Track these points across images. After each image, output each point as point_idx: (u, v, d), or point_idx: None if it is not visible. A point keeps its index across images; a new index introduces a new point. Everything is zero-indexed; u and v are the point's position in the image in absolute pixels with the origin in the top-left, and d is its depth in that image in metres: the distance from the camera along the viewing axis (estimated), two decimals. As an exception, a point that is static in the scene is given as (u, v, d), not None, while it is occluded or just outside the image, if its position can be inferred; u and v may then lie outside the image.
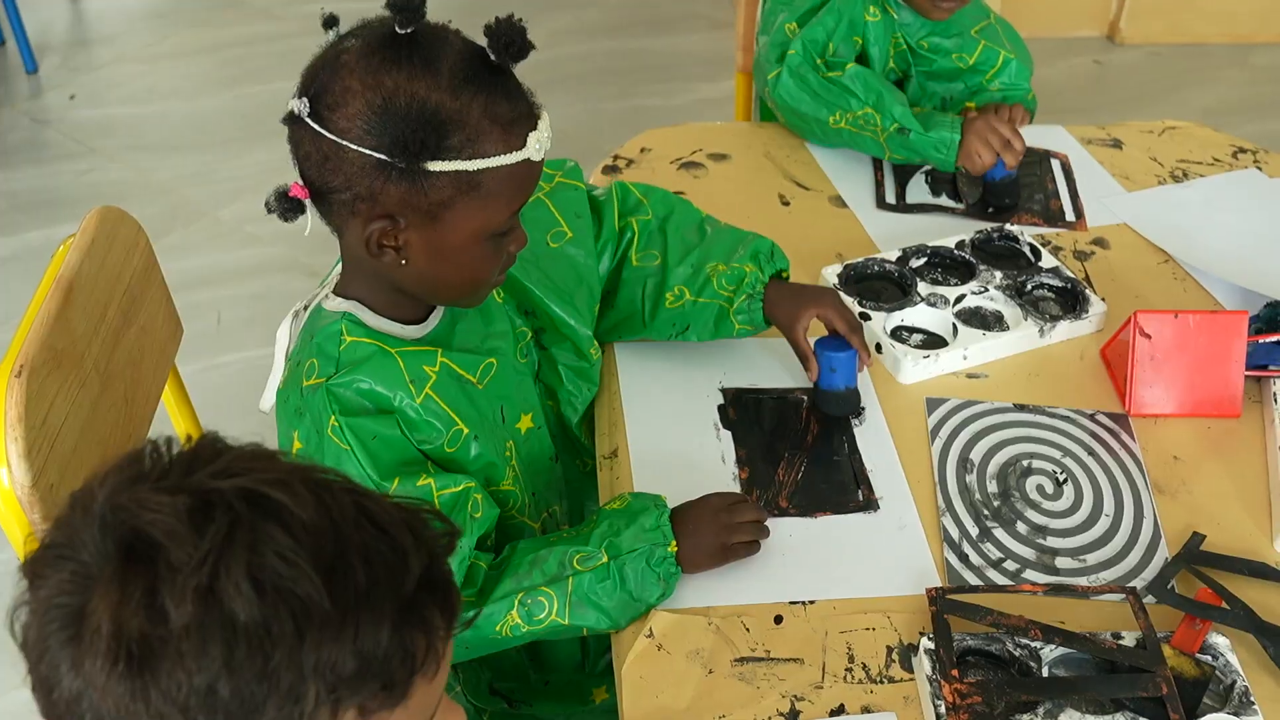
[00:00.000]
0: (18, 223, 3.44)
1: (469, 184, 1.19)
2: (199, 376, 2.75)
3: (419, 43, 1.17)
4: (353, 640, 0.70)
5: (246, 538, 0.69)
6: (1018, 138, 1.89)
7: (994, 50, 2.12)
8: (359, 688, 0.72)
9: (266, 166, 3.59)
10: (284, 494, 0.72)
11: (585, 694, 1.55)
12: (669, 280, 1.56)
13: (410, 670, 0.74)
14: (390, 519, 0.76)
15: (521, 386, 1.44)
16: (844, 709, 1.21)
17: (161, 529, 0.69)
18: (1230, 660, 1.23)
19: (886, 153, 1.97)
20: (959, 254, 1.78)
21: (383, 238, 1.21)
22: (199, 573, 0.68)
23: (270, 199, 1.21)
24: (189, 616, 0.68)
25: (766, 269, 1.55)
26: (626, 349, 1.63)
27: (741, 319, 1.54)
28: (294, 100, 1.18)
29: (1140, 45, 4.36)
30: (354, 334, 1.28)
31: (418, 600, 0.74)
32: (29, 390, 1.25)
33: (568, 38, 4.32)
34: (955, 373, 1.62)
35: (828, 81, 1.97)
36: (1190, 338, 1.55)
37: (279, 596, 0.69)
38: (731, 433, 1.51)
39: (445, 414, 1.30)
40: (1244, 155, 2.10)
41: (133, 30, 4.41)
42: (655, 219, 1.60)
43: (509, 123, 1.19)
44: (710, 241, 1.59)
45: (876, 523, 1.41)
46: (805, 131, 2.06)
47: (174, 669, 0.68)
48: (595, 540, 1.28)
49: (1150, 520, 1.42)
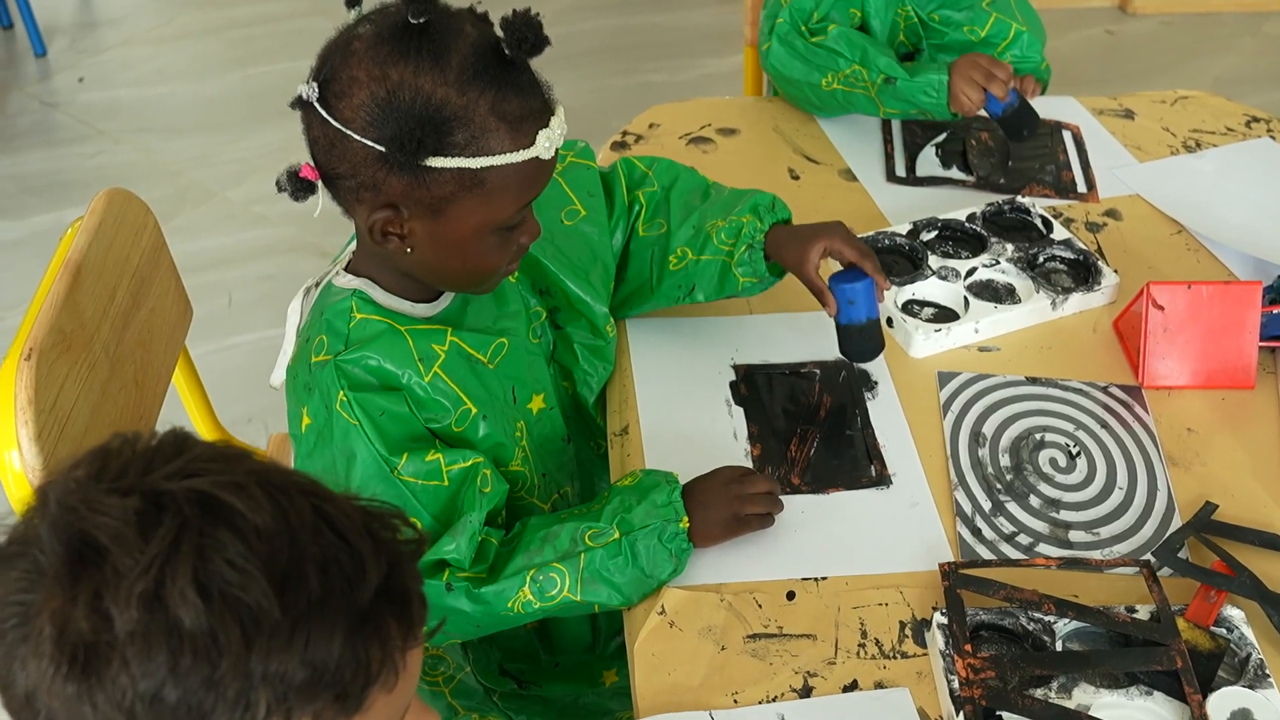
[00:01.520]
0: (27, 205, 3.44)
1: (472, 180, 1.18)
2: (210, 358, 2.76)
3: (430, 34, 1.15)
4: (303, 650, 0.69)
5: (195, 543, 0.68)
6: (999, 65, 1.86)
7: (1005, 23, 2.10)
8: (311, 698, 0.70)
9: (275, 147, 3.59)
10: (238, 498, 0.70)
11: (595, 676, 1.55)
12: (672, 244, 1.55)
13: (365, 682, 0.73)
14: (350, 525, 0.74)
15: (534, 367, 1.44)
16: (857, 684, 1.21)
17: (108, 532, 0.68)
18: (1245, 633, 1.22)
19: (880, 109, 1.95)
20: (970, 227, 1.77)
21: (386, 226, 1.21)
22: (144, 578, 0.67)
23: (282, 178, 1.21)
24: (134, 623, 0.67)
25: (766, 219, 1.51)
26: (638, 326, 1.62)
27: (744, 270, 1.50)
28: (304, 85, 1.18)
29: (1152, 15, 4.33)
30: (364, 311, 1.28)
31: (374, 611, 0.73)
32: (38, 373, 1.26)
33: (575, 14, 4.30)
34: (967, 346, 1.61)
35: (814, 45, 1.97)
36: (1203, 309, 1.54)
37: (226, 604, 0.68)
38: (743, 409, 1.51)
39: (453, 393, 1.30)
40: (1257, 124, 2.08)
41: (140, 12, 4.40)
42: (660, 189, 1.59)
43: (518, 120, 1.18)
44: (712, 202, 1.57)
45: (889, 498, 1.40)
46: (800, 99, 2.06)
47: (119, 674, 0.67)
48: (607, 516, 1.28)
49: (1164, 493, 1.42)
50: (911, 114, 1.95)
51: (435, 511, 1.26)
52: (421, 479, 1.25)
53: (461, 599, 1.24)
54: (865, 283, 1.44)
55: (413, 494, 1.24)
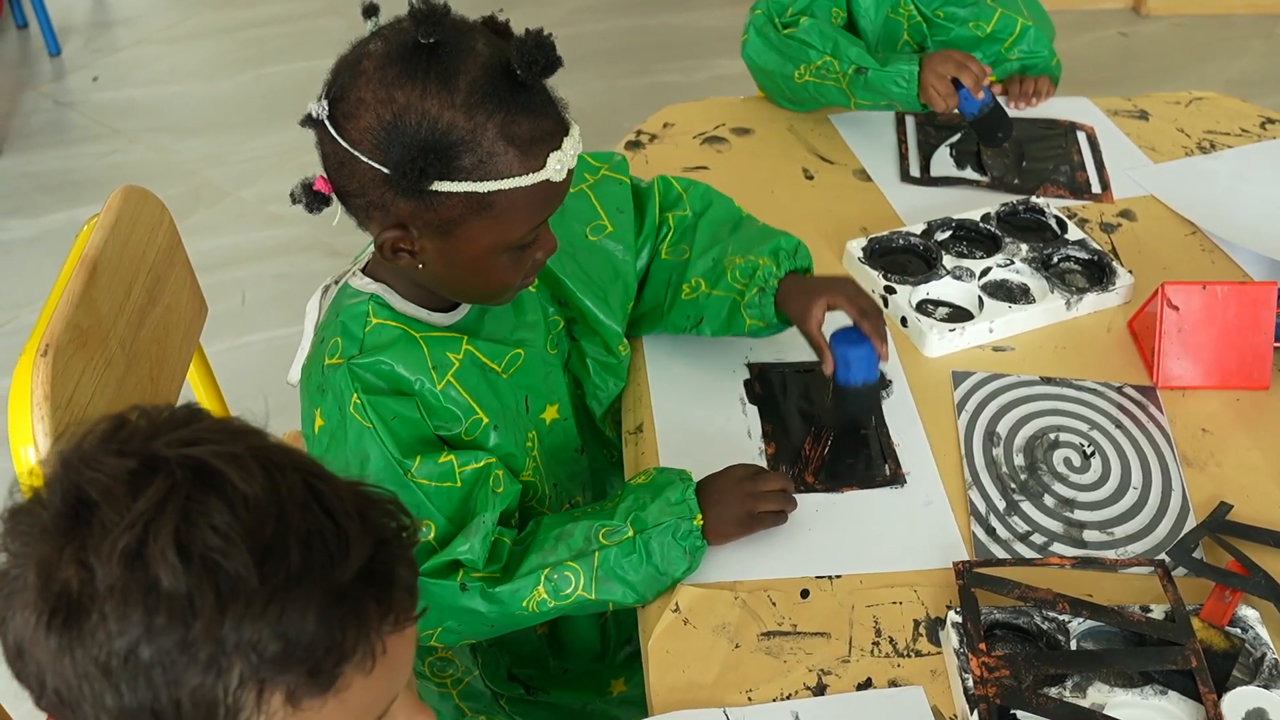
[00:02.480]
0: (41, 204, 3.45)
1: (480, 204, 1.16)
2: (224, 356, 2.77)
3: (440, 54, 1.13)
4: (277, 621, 0.69)
5: (181, 505, 0.69)
6: (971, 60, 1.86)
7: (1011, 18, 2.10)
8: (282, 670, 0.71)
9: (288, 146, 3.60)
10: (232, 467, 0.71)
11: (604, 685, 1.54)
12: (689, 272, 1.53)
13: (338, 659, 0.73)
14: (340, 506, 0.75)
15: (549, 378, 1.43)
16: (871, 683, 1.21)
17: (99, 488, 0.70)
18: (1260, 633, 1.22)
19: (852, 100, 1.95)
20: (984, 227, 1.77)
21: (397, 243, 1.20)
22: (128, 534, 0.68)
23: (296, 190, 1.20)
24: (114, 578, 0.68)
25: (784, 264, 1.48)
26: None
27: (752, 313, 1.47)
28: (314, 102, 1.17)
29: (1165, 17, 4.32)
30: (380, 316, 1.27)
31: (353, 590, 0.73)
32: (55, 369, 1.26)
33: (588, 15, 4.31)
34: (981, 346, 1.61)
35: (786, 37, 1.98)
36: (1218, 309, 1.54)
37: (205, 568, 0.68)
38: (758, 408, 1.51)
39: (465, 402, 1.29)
40: (1272, 125, 2.08)
41: (155, 12, 4.41)
42: (691, 214, 1.57)
43: (528, 143, 1.16)
44: (738, 237, 1.54)
45: (903, 497, 1.40)
46: (774, 91, 2.07)
47: (97, 629, 0.68)
48: (620, 514, 1.28)
49: (1179, 493, 1.41)
50: (882, 105, 1.95)
51: (449, 513, 1.26)
52: (435, 481, 1.25)
53: (476, 599, 1.24)
54: (865, 348, 1.41)
55: (426, 496, 1.24)
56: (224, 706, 0.71)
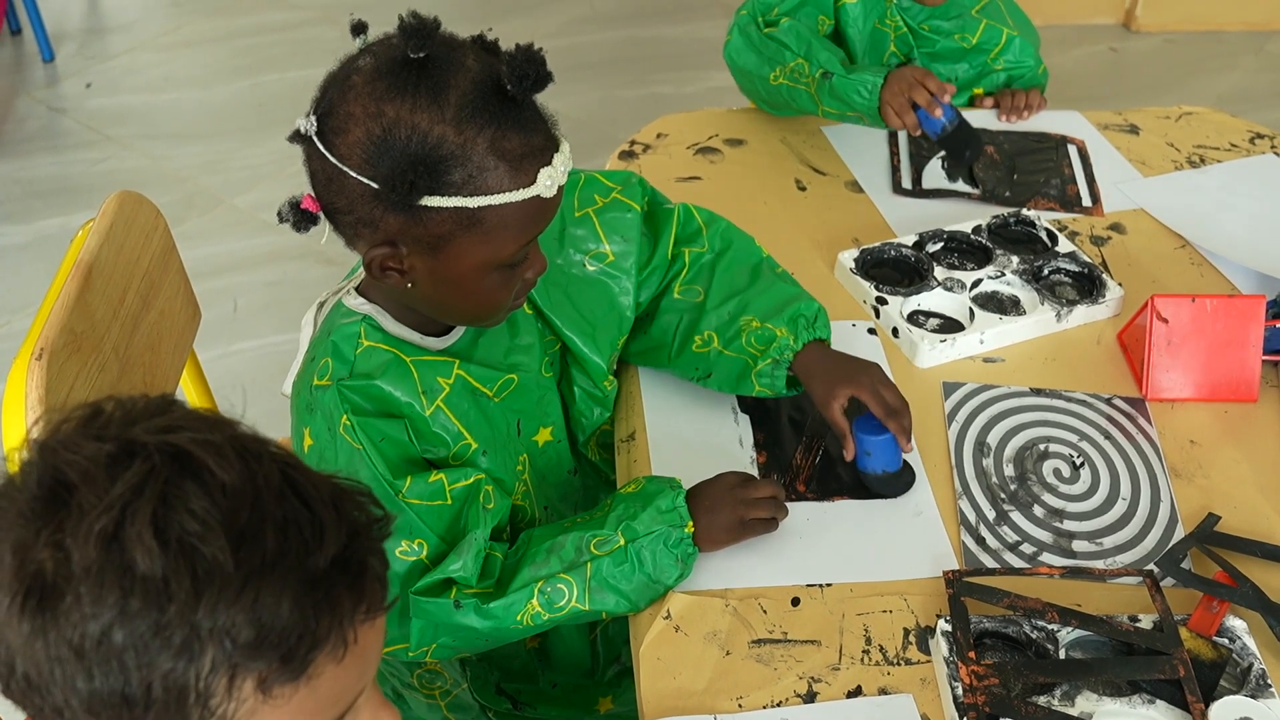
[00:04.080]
0: (34, 210, 3.45)
1: (470, 219, 1.16)
2: (216, 362, 2.77)
3: (430, 69, 1.13)
4: (251, 607, 0.70)
5: (159, 490, 0.70)
6: (929, 77, 1.85)
7: (996, 29, 2.11)
8: (255, 656, 0.71)
9: (282, 155, 3.60)
10: (209, 454, 0.72)
11: (591, 702, 1.54)
12: (702, 323, 1.49)
13: (310, 646, 0.73)
14: (316, 495, 0.75)
15: (544, 400, 1.42)
16: (861, 690, 1.21)
17: (78, 470, 0.70)
18: (1247, 643, 1.23)
19: (819, 106, 1.95)
20: (975, 238, 1.78)
21: (386, 262, 1.19)
22: (105, 517, 0.69)
23: (284, 208, 1.20)
24: (90, 559, 0.68)
25: (802, 335, 1.44)
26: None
27: (764, 382, 1.45)
28: (303, 118, 1.16)
29: (1156, 32, 4.35)
30: (371, 339, 1.27)
31: (327, 578, 0.73)
32: (49, 373, 1.26)
33: (582, 26, 4.32)
34: (972, 357, 1.62)
35: (766, 37, 1.99)
36: (1207, 322, 1.55)
37: (181, 552, 0.69)
38: (749, 416, 1.51)
39: (454, 428, 1.29)
40: (1261, 141, 2.09)
41: (149, 18, 4.41)
42: (710, 253, 1.53)
43: (518, 158, 1.15)
44: (757, 290, 1.49)
45: (894, 506, 1.41)
46: (752, 93, 2.07)
47: (71, 610, 0.69)
48: (611, 524, 1.28)
49: (1167, 504, 1.42)
50: (849, 117, 1.94)
51: (440, 531, 1.25)
52: (425, 500, 1.24)
53: (471, 615, 1.24)
54: (885, 438, 1.39)
55: (418, 515, 1.24)
56: (195, 692, 0.71)
